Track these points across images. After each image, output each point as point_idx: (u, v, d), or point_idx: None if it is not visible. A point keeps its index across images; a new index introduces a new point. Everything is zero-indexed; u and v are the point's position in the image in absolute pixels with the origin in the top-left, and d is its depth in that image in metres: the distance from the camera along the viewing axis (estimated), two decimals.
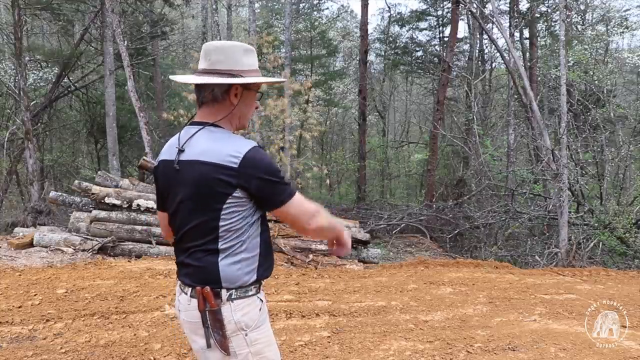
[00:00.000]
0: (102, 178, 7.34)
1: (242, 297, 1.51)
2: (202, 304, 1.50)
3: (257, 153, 1.48)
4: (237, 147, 1.48)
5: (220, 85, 1.55)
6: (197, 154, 1.51)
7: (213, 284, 1.50)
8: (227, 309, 1.50)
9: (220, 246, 1.50)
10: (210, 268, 1.50)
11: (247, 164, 1.46)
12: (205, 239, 1.51)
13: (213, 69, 1.55)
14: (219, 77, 1.54)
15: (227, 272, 1.50)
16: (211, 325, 1.50)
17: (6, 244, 6.49)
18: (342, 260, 6.93)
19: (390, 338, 3.73)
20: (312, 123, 12.05)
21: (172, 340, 3.47)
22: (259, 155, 1.48)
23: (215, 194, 1.47)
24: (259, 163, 1.47)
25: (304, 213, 1.54)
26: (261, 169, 1.47)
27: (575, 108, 11.19)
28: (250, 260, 1.53)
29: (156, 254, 6.41)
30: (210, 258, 1.51)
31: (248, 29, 11.60)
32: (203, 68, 1.57)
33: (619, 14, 15.44)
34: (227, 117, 1.58)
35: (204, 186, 1.49)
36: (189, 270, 1.57)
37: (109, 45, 10.72)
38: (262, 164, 1.48)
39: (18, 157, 12.13)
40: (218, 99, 1.56)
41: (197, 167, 1.49)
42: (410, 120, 22.78)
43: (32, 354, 3.17)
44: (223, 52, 1.56)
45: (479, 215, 10.66)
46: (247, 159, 1.46)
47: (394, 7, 27.77)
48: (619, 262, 8.70)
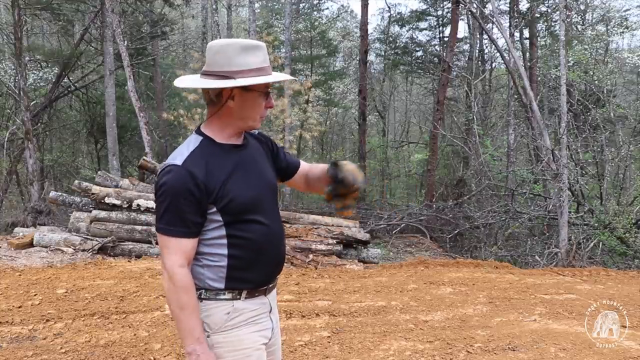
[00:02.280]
0: (102, 178, 7.34)
1: (210, 299, 1.51)
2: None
3: (164, 173, 1.46)
4: (166, 161, 1.51)
5: (212, 89, 1.52)
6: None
7: None
8: None
9: None
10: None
11: (158, 177, 1.49)
12: None
13: (209, 71, 1.52)
14: (212, 79, 1.50)
15: (195, 274, 1.52)
16: None
17: (6, 244, 6.49)
18: (342, 260, 6.93)
19: (390, 338, 3.73)
20: (312, 123, 12.06)
21: (172, 340, 3.47)
22: (162, 176, 1.46)
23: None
24: (160, 180, 1.47)
25: (162, 254, 1.48)
26: (157, 186, 1.47)
27: (575, 108, 11.19)
28: (215, 268, 1.52)
29: (156, 254, 6.40)
30: None
31: (248, 29, 11.60)
32: (202, 69, 1.56)
33: (619, 14, 15.44)
34: (221, 119, 1.55)
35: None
36: None
37: (109, 45, 10.72)
38: (156, 185, 1.48)
39: (18, 157, 12.13)
40: (214, 101, 1.54)
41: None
42: (410, 120, 22.77)
43: (32, 354, 3.17)
44: (218, 51, 1.51)
45: (479, 215, 10.65)
46: (159, 173, 1.49)
47: (394, 7, 27.76)
48: (619, 262, 8.70)
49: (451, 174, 16.23)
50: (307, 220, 7.76)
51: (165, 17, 14.80)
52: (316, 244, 6.89)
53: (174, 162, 1.46)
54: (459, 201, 11.91)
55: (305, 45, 18.04)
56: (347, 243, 7.27)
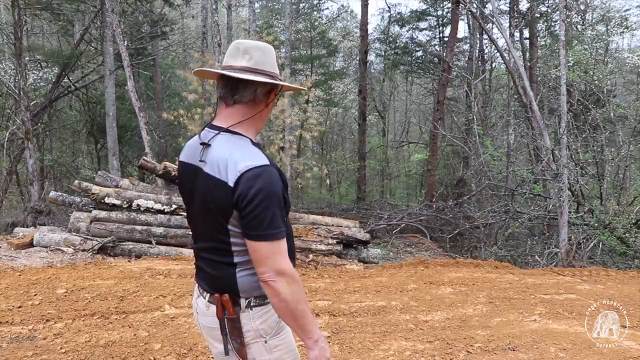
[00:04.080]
0: (102, 178, 7.34)
1: (261, 304, 1.48)
2: (220, 311, 1.48)
3: (257, 176, 1.34)
4: (244, 162, 1.36)
5: (264, 86, 1.49)
6: (209, 163, 1.44)
7: (231, 292, 1.47)
8: (246, 316, 1.48)
9: (235, 260, 1.46)
10: (227, 279, 1.47)
11: (243, 181, 1.34)
12: (220, 252, 1.47)
13: (258, 69, 1.48)
14: (267, 77, 1.48)
15: (245, 283, 1.46)
16: (229, 332, 1.49)
17: (6, 244, 6.49)
18: (342, 260, 6.93)
19: (390, 338, 3.73)
20: (312, 123, 12.05)
21: (172, 340, 3.47)
22: (255, 178, 1.34)
23: (219, 211, 1.41)
24: (255, 183, 1.33)
25: (273, 261, 1.36)
26: (254, 191, 1.33)
27: (575, 108, 11.18)
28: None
29: (156, 254, 6.41)
30: (227, 270, 1.47)
31: (248, 29, 11.59)
32: (244, 66, 1.47)
33: (619, 14, 15.47)
34: (256, 119, 1.52)
35: (211, 201, 1.43)
36: (207, 276, 1.54)
37: (109, 45, 10.72)
38: (250, 189, 1.33)
39: (18, 157, 12.13)
40: (257, 100, 1.50)
41: (206, 179, 1.44)
42: (410, 120, 22.78)
43: (32, 354, 3.17)
44: (264, 52, 1.50)
45: (479, 215, 10.65)
46: (246, 175, 1.34)
47: (394, 7, 27.77)
48: (619, 262, 8.70)
49: (451, 174, 16.24)
50: (307, 220, 7.76)
51: (165, 17, 14.81)
52: (316, 244, 6.89)
53: (263, 163, 1.37)
54: (459, 201, 11.91)
55: (305, 45, 18.05)
56: (347, 243, 7.27)
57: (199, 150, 1.48)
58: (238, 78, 1.45)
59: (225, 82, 1.49)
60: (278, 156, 9.95)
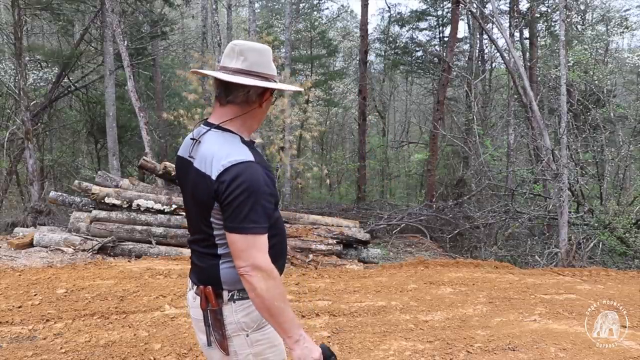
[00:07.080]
0: (102, 178, 7.34)
1: (244, 297, 1.49)
2: (204, 302, 1.51)
3: (241, 170, 1.38)
4: (228, 158, 1.40)
5: (256, 88, 1.51)
6: (198, 158, 1.49)
7: (214, 285, 1.51)
8: (228, 309, 1.50)
9: (219, 252, 1.50)
10: (211, 270, 1.51)
11: (224, 174, 1.38)
12: (205, 243, 1.52)
13: (252, 71, 1.50)
14: (260, 79, 1.50)
15: (228, 276, 1.49)
16: (212, 324, 1.51)
17: (6, 244, 6.49)
18: (342, 260, 6.93)
19: (390, 338, 3.73)
20: (312, 123, 12.05)
21: (172, 340, 3.47)
22: (238, 173, 1.38)
23: (203, 203, 1.46)
24: (236, 177, 1.37)
25: (249, 255, 1.38)
26: (234, 184, 1.37)
27: (575, 108, 11.18)
28: None
29: (156, 254, 6.41)
30: (211, 261, 1.52)
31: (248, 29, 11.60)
32: (238, 67, 1.50)
33: (619, 14, 15.47)
34: (248, 117, 1.54)
35: (197, 194, 1.48)
36: (195, 269, 1.60)
37: (109, 45, 10.72)
38: (231, 182, 1.37)
39: (18, 157, 12.14)
40: (250, 100, 1.52)
41: (194, 172, 1.49)
42: (410, 120, 22.79)
43: (32, 354, 3.17)
44: (259, 54, 1.52)
45: (479, 215, 10.65)
46: (229, 170, 1.38)
47: (394, 7, 27.74)
48: (619, 262, 8.70)
49: (451, 174, 16.24)
50: (307, 220, 7.76)
51: (165, 17, 14.81)
52: (316, 244, 6.89)
53: (247, 159, 1.41)
54: (459, 201, 11.90)
55: (305, 45, 18.06)
56: (347, 243, 7.28)
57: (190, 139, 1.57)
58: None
59: (219, 83, 1.53)
60: (278, 156, 9.96)
